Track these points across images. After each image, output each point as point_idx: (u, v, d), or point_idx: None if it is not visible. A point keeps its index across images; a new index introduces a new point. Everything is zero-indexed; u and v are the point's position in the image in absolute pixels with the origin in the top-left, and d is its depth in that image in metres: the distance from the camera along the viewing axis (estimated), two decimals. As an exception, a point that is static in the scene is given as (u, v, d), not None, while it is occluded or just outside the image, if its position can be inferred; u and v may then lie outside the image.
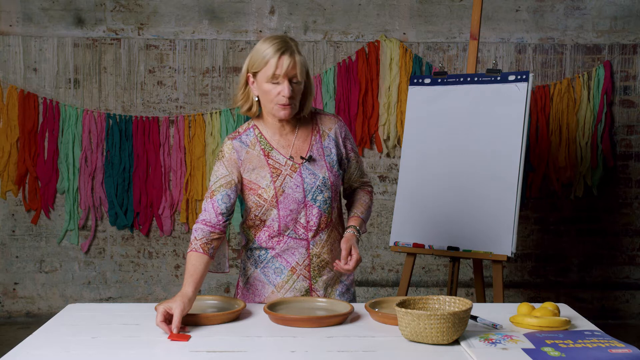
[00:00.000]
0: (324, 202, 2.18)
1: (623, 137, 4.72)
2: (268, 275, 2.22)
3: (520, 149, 3.33)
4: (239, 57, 4.67)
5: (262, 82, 2.09)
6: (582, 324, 1.90)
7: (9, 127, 4.61)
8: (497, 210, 3.33)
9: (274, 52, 2.05)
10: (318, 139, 2.22)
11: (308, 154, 2.19)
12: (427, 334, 1.68)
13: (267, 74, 2.06)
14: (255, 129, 2.21)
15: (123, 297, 4.73)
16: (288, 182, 2.15)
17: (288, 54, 2.05)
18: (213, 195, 2.14)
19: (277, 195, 2.14)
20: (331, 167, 2.20)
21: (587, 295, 4.78)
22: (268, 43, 2.08)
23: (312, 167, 2.18)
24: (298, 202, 2.15)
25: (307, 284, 2.21)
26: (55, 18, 4.62)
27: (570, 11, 4.66)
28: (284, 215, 2.15)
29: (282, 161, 2.16)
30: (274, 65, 2.04)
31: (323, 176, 2.18)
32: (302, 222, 2.17)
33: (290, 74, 2.06)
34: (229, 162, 2.16)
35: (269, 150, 2.17)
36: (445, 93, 3.60)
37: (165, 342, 1.73)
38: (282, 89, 2.06)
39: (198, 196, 4.65)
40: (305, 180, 2.16)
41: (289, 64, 2.04)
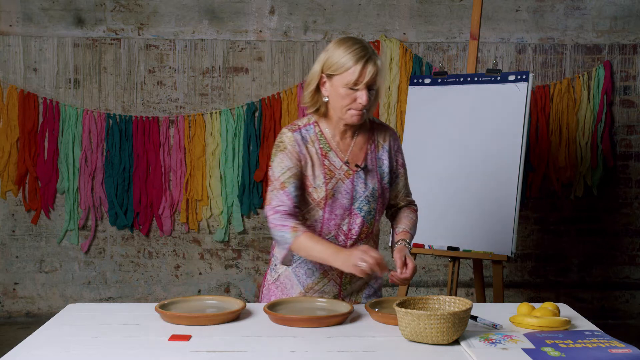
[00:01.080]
0: (368, 212, 2.17)
1: (623, 137, 4.72)
2: (299, 276, 2.20)
3: (520, 149, 3.33)
4: (239, 57, 4.67)
5: (338, 86, 2.04)
6: (582, 324, 1.90)
7: (9, 127, 4.61)
8: (497, 210, 3.33)
9: (357, 59, 2.00)
10: (373, 148, 2.20)
11: (364, 162, 2.16)
12: (427, 334, 1.68)
13: (347, 80, 2.02)
14: (316, 127, 2.16)
15: (123, 297, 4.73)
16: (339, 186, 2.12)
17: (372, 62, 2.01)
18: (284, 187, 2.07)
19: (327, 197, 2.11)
20: (381, 179, 2.19)
21: (587, 295, 4.78)
22: (349, 47, 2.02)
23: (365, 176, 2.16)
24: (344, 208, 2.14)
25: (337, 290, 2.21)
26: (55, 18, 4.62)
27: (570, 11, 4.66)
28: (328, 218, 2.13)
29: (337, 165, 2.13)
30: (358, 73, 2.00)
31: (373, 187, 2.17)
32: (344, 229, 2.15)
33: (370, 82, 2.02)
34: (292, 154, 2.10)
35: (327, 150, 2.14)
36: (445, 93, 3.60)
37: (165, 342, 1.73)
38: (361, 96, 2.02)
39: (198, 196, 4.65)
40: (356, 188, 2.14)
41: (372, 73, 2.01)
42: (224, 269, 4.76)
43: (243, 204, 4.66)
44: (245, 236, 4.74)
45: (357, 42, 2.04)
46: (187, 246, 4.74)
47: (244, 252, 4.75)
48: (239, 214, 4.69)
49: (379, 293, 2.31)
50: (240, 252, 4.76)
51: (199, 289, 4.76)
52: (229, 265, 4.76)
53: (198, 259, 4.75)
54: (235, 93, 4.68)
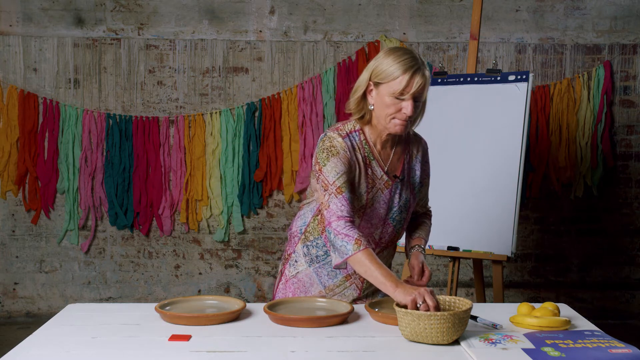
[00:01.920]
0: (399, 222, 2.19)
1: (623, 137, 4.72)
2: (321, 276, 2.20)
3: (520, 149, 3.33)
4: (239, 57, 4.67)
5: (384, 94, 2.03)
6: (582, 324, 1.90)
7: (9, 127, 4.61)
8: (497, 210, 3.33)
9: (406, 68, 2.00)
10: (409, 159, 2.22)
11: (402, 174, 2.18)
12: (427, 334, 1.68)
13: (393, 89, 2.01)
14: (361, 134, 2.14)
15: (123, 297, 4.73)
16: (378, 196, 2.13)
17: (420, 73, 2.00)
18: (342, 192, 2.04)
19: (367, 206, 2.11)
20: (413, 189, 2.22)
21: (587, 295, 4.78)
22: (399, 57, 2.02)
23: (401, 187, 2.18)
24: (380, 218, 2.15)
25: (357, 294, 2.21)
26: (55, 18, 4.62)
27: (570, 11, 4.66)
28: (363, 227, 2.13)
29: (378, 174, 2.14)
30: (406, 83, 1.99)
31: (406, 197, 2.19)
32: (376, 238, 2.17)
33: (417, 93, 2.01)
34: (345, 158, 2.07)
35: (370, 159, 2.13)
36: (445, 93, 3.60)
37: (165, 342, 1.73)
38: (406, 106, 2.02)
39: (198, 196, 4.65)
40: (393, 198, 2.16)
41: (420, 84, 2.00)
42: (224, 269, 4.76)
43: (243, 204, 4.66)
44: (245, 236, 4.74)
45: (407, 53, 2.03)
46: (187, 246, 4.74)
47: (244, 252, 4.75)
48: (239, 214, 4.69)
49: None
50: (240, 252, 4.76)
51: (199, 289, 4.76)
52: (229, 265, 4.76)
53: (198, 259, 4.75)
54: (235, 93, 4.68)
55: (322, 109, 4.62)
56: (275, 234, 4.74)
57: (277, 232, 4.74)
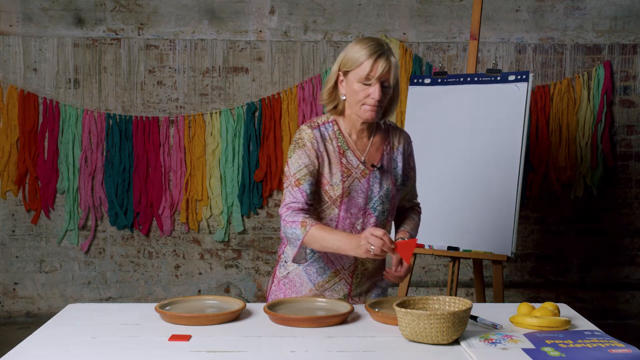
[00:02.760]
0: (382, 212, 2.19)
1: (623, 137, 4.72)
2: (310, 274, 2.21)
3: (520, 149, 3.33)
4: (239, 57, 4.67)
5: (352, 81, 2.09)
6: (582, 324, 1.90)
7: (9, 127, 4.61)
8: (497, 210, 3.33)
9: (370, 53, 2.04)
10: (389, 150, 2.24)
11: (380, 163, 2.19)
12: (427, 334, 1.68)
13: (359, 75, 2.06)
14: (335, 125, 2.19)
15: (123, 297, 4.73)
16: (355, 185, 2.15)
17: (384, 57, 2.05)
18: (300, 184, 2.10)
19: (344, 195, 2.13)
20: (395, 180, 2.23)
21: (587, 295, 4.78)
22: (364, 44, 2.07)
23: (380, 176, 2.19)
24: (360, 207, 2.16)
25: (347, 289, 2.22)
26: (55, 18, 4.62)
27: (570, 11, 4.66)
28: (343, 217, 2.15)
29: (354, 163, 2.16)
30: (369, 67, 2.04)
31: (387, 187, 2.20)
32: (358, 229, 2.17)
33: (383, 77, 2.06)
34: (310, 151, 2.13)
35: (344, 149, 2.17)
36: (445, 93, 3.60)
37: (165, 342, 1.73)
38: (373, 91, 2.06)
39: (198, 196, 4.65)
40: (372, 188, 2.17)
41: (384, 67, 2.04)
42: (224, 269, 4.76)
43: (243, 204, 4.66)
44: (245, 236, 4.74)
45: (372, 40, 2.09)
46: (187, 246, 4.74)
47: (244, 252, 4.75)
48: (239, 214, 4.69)
49: (386, 293, 2.33)
50: (240, 252, 4.76)
51: (199, 289, 4.76)
52: (229, 265, 4.76)
53: (198, 259, 4.75)
54: (235, 93, 4.68)
55: (322, 109, 4.62)
56: (275, 234, 4.74)
57: (277, 232, 4.74)
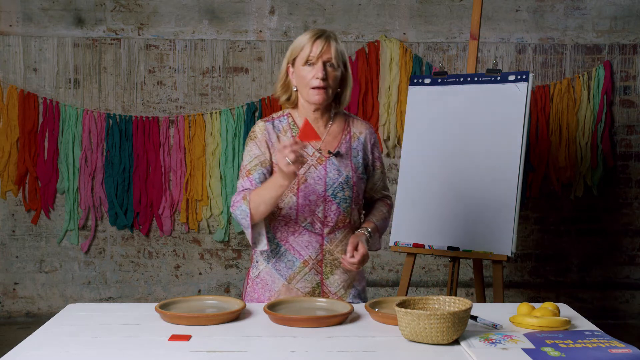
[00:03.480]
0: (343, 200, 2.21)
1: (623, 137, 4.72)
2: (279, 270, 2.22)
3: (520, 149, 3.33)
4: (239, 57, 4.67)
5: (299, 67, 2.18)
6: (582, 324, 1.90)
7: (9, 127, 4.61)
8: (497, 210, 3.33)
9: (309, 37, 2.17)
10: (348, 139, 2.27)
11: (336, 149, 2.23)
12: (427, 334, 1.68)
13: (303, 58, 2.16)
14: (289, 117, 2.26)
15: (123, 297, 4.73)
16: (312, 172, 2.19)
17: (323, 38, 2.16)
18: (250, 174, 2.18)
19: (299, 182, 2.17)
20: (356, 168, 2.25)
21: (587, 295, 4.78)
22: (306, 32, 2.21)
23: (338, 163, 2.22)
24: (318, 194, 2.18)
25: (319, 278, 2.23)
26: (55, 18, 4.62)
27: (570, 11, 4.66)
28: (302, 204, 2.17)
29: (309, 151, 2.20)
30: (309, 47, 2.15)
31: (347, 174, 2.21)
32: (320, 216, 2.19)
33: (324, 57, 2.15)
34: (261, 142, 2.21)
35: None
36: (445, 93, 3.60)
37: (165, 342, 1.73)
38: (316, 71, 2.14)
39: (198, 196, 4.65)
40: (329, 174, 2.20)
41: (322, 46, 2.14)
42: (224, 269, 4.76)
43: (243, 204, 4.65)
44: (245, 236, 4.74)
45: (315, 29, 2.24)
46: (187, 246, 4.74)
47: (244, 252, 4.75)
48: (239, 214, 4.68)
49: (363, 296, 2.33)
50: (240, 252, 4.76)
51: (199, 289, 4.76)
52: (229, 265, 4.76)
53: (198, 259, 4.75)
54: (235, 93, 4.69)
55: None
56: (275, 234, 4.74)
57: (277, 232, 4.73)
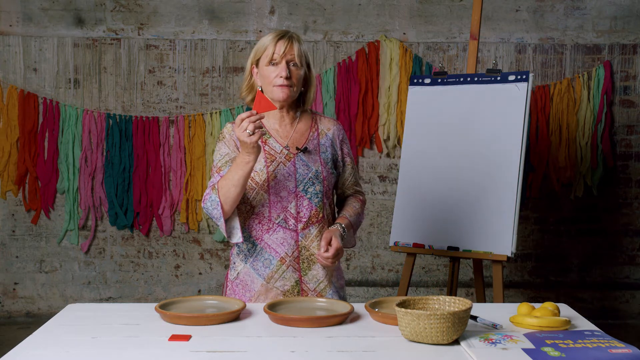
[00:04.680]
0: (315, 194, 2.24)
1: (623, 137, 4.72)
2: (257, 269, 2.25)
3: (520, 149, 3.33)
4: (239, 57, 4.67)
5: (262, 67, 2.21)
6: (582, 324, 1.90)
7: (9, 127, 4.61)
8: (497, 210, 3.33)
9: (272, 37, 2.20)
10: (316, 135, 2.30)
11: (304, 145, 2.26)
12: (427, 334, 1.68)
13: (266, 58, 2.19)
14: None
15: (123, 297, 4.73)
16: (281, 169, 2.23)
17: (286, 38, 2.19)
18: (220, 171, 2.22)
19: (269, 179, 2.21)
20: (325, 163, 2.28)
21: (587, 295, 4.78)
22: (270, 33, 2.24)
23: (307, 159, 2.26)
24: (289, 190, 2.22)
25: (297, 276, 2.24)
26: (55, 18, 4.62)
27: (570, 11, 4.66)
28: (274, 201, 2.21)
29: (277, 149, 2.25)
30: (272, 47, 2.18)
31: (316, 169, 2.25)
32: (292, 212, 2.22)
33: (287, 56, 2.18)
34: (229, 142, 2.25)
35: (266, 137, 2.26)
36: (445, 93, 3.60)
37: (165, 342, 1.73)
38: (280, 70, 2.17)
39: (198, 196, 4.65)
40: (298, 170, 2.23)
41: (285, 46, 2.17)
42: (224, 269, 4.76)
43: (243, 204, 4.65)
44: (245, 236, 4.74)
45: (278, 30, 2.28)
46: (187, 246, 4.74)
47: (244, 252, 4.75)
48: (239, 214, 4.68)
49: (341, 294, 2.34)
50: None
51: (199, 289, 4.76)
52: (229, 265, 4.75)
53: (198, 259, 4.75)
54: (235, 93, 4.68)
55: (322, 109, 4.62)
56: (275, 234, 4.74)
57: (277, 232, 4.73)
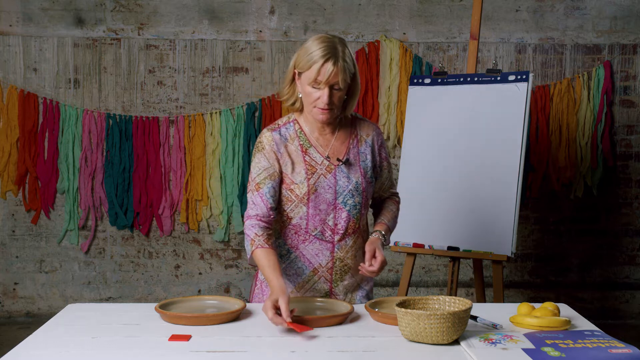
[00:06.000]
0: (353, 206, 2.17)
1: (623, 137, 4.72)
2: (289, 275, 2.20)
3: (520, 149, 3.33)
4: (239, 57, 4.67)
5: (304, 83, 2.08)
6: (582, 324, 1.90)
7: (9, 127, 4.61)
8: (497, 210, 3.33)
9: (318, 57, 2.02)
10: (355, 143, 2.21)
11: (345, 156, 2.17)
12: (427, 334, 1.68)
13: (309, 77, 2.04)
14: (296, 124, 2.19)
15: (123, 297, 4.73)
16: (322, 181, 2.14)
17: (332, 61, 2.01)
18: (259, 188, 2.12)
19: (310, 192, 2.12)
20: (365, 173, 2.20)
21: (587, 295, 4.78)
22: (316, 45, 2.04)
23: (347, 170, 2.17)
24: (328, 203, 2.15)
25: (328, 287, 2.21)
26: (55, 18, 4.62)
27: (570, 11, 4.66)
28: (313, 214, 2.14)
29: (318, 160, 2.15)
30: (316, 71, 2.02)
31: (356, 181, 2.17)
32: (330, 225, 2.16)
33: (332, 81, 2.03)
34: (269, 153, 2.14)
35: (307, 147, 2.16)
36: (445, 93, 3.60)
37: (165, 342, 1.73)
38: (322, 95, 2.05)
39: (198, 196, 4.66)
40: (339, 182, 2.15)
41: (331, 72, 2.01)
42: (224, 269, 4.76)
43: (243, 204, 4.65)
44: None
45: (326, 41, 2.04)
46: (187, 246, 4.74)
47: (244, 252, 4.75)
48: (239, 214, 4.68)
49: (371, 295, 2.32)
50: (240, 252, 4.76)
51: (199, 289, 4.76)
52: (229, 265, 4.76)
53: (198, 259, 4.75)
54: (235, 93, 4.69)
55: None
56: (275, 234, 4.74)
57: (277, 232, 4.73)
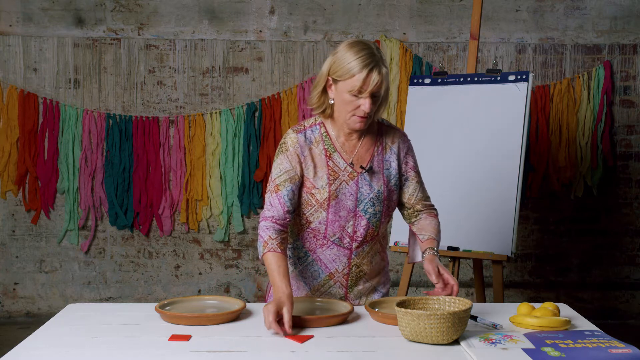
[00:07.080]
0: (374, 215, 2.14)
1: (623, 137, 4.72)
2: (305, 278, 2.20)
3: (520, 149, 3.33)
4: (239, 57, 4.67)
5: (342, 91, 2.02)
6: (582, 324, 1.90)
7: (9, 127, 4.61)
8: (497, 210, 3.33)
9: (362, 66, 1.97)
10: (380, 150, 2.17)
11: (369, 164, 2.13)
12: (427, 334, 1.68)
13: (351, 86, 1.99)
14: (322, 127, 2.15)
15: (123, 297, 4.73)
16: (343, 188, 2.11)
17: (377, 71, 1.97)
18: (278, 190, 2.09)
19: (330, 198, 2.09)
20: (388, 181, 2.16)
21: (587, 295, 4.78)
22: (355, 53, 1.99)
23: (370, 178, 2.13)
24: (349, 210, 2.12)
25: (343, 292, 2.20)
26: (55, 18, 4.62)
27: (570, 11, 4.66)
28: (332, 220, 2.12)
29: (341, 166, 2.12)
30: (362, 81, 1.97)
31: (378, 189, 2.13)
32: (349, 232, 2.13)
33: (374, 90, 1.99)
34: (292, 156, 2.10)
35: (331, 151, 2.12)
36: (445, 93, 3.60)
37: (165, 342, 1.73)
38: (364, 103, 2.00)
39: (198, 196, 4.66)
40: (361, 190, 2.12)
41: (377, 82, 1.97)
42: (224, 269, 4.76)
43: (243, 204, 4.66)
44: (245, 236, 4.74)
45: (365, 49, 2.00)
46: (187, 246, 4.74)
47: (244, 252, 4.75)
48: (239, 214, 4.69)
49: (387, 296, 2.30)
50: (240, 252, 4.76)
51: (199, 289, 4.76)
52: (229, 265, 4.76)
53: (198, 259, 4.75)
54: (235, 93, 4.68)
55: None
56: (275, 234, 4.74)
57: (277, 232, 4.73)
